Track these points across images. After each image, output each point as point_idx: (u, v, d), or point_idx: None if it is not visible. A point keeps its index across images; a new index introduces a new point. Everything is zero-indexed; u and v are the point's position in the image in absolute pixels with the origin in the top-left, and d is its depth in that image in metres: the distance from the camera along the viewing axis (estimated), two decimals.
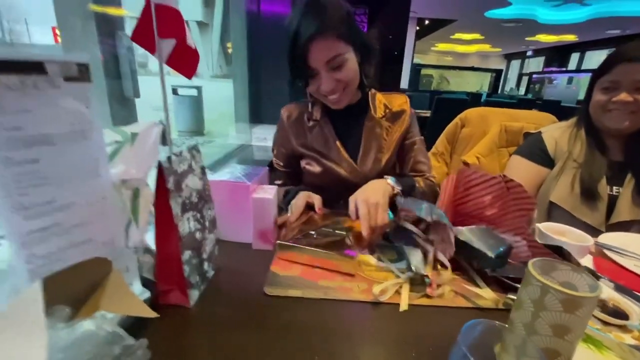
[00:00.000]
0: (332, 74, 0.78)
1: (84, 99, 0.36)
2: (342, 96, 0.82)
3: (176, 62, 0.57)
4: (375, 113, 0.91)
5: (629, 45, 0.85)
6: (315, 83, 0.80)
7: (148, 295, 0.45)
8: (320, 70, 0.77)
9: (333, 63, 0.76)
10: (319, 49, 0.74)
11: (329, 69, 0.77)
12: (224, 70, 16.27)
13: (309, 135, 0.91)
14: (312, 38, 0.73)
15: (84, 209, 0.39)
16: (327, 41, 0.74)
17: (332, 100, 0.83)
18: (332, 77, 0.78)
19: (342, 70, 0.78)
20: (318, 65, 0.76)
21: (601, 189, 0.89)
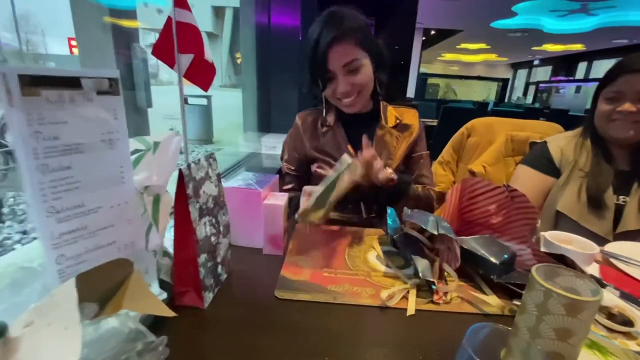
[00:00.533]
0: (348, 77, 0.83)
1: (113, 110, 0.39)
2: (356, 100, 0.87)
3: (194, 75, 0.61)
4: (387, 123, 0.95)
5: (633, 57, 0.87)
6: (331, 86, 0.85)
7: (165, 297, 0.47)
8: (338, 74, 0.83)
9: (350, 67, 0.82)
10: (337, 53, 0.81)
11: (346, 72, 0.83)
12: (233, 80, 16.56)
13: (322, 140, 0.95)
14: (331, 43, 0.79)
15: (109, 213, 0.42)
16: (344, 46, 0.81)
17: (346, 104, 0.88)
18: (347, 81, 0.83)
19: (358, 75, 0.84)
20: (336, 69, 0.82)
21: (608, 198, 0.89)
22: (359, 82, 0.84)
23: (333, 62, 0.82)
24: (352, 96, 0.86)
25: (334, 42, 0.80)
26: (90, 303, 0.36)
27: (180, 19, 0.54)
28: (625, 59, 0.88)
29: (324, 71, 0.83)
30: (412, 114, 0.99)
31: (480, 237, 0.64)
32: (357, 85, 0.85)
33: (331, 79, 0.85)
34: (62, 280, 0.38)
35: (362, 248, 0.72)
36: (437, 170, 1.28)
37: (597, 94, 0.95)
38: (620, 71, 0.88)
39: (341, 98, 0.86)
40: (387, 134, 0.94)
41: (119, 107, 0.40)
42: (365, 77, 0.85)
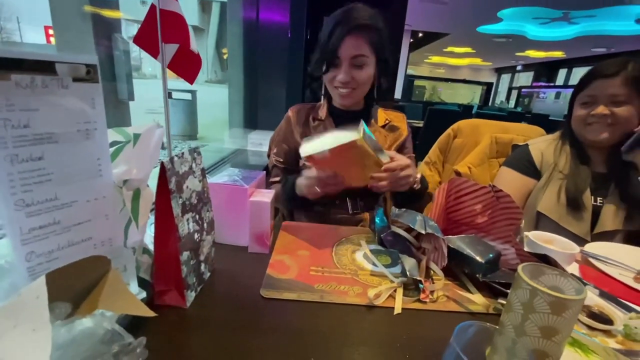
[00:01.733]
0: (351, 69, 0.86)
1: (91, 99, 0.37)
2: (351, 93, 0.89)
3: (179, 66, 0.58)
4: (377, 122, 0.98)
5: (604, 63, 0.90)
6: (334, 72, 0.88)
7: (144, 296, 0.45)
8: (343, 62, 0.86)
9: (356, 60, 0.85)
10: (350, 43, 0.84)
11: (351, 64, 0.86)
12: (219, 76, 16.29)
13: (313, 133, 0.97)
14: (349, 32, 0.83)
15: (84, 208, 0.39)
16: (359, 40, 0.84)
17: (342, 93, 0.89)
18: (350, 72, 0.86)
19: (361, 71, 0.86)
20: (343, 57, 0.85)
21: (586, 200, 0.92)
22: (359, 77, 0.86)
23: (344, 50, 0.84)
24: (349, 88, 0.88)
25: (352, 31, 0.83)
26: (63, 302, 0.34)
27: (164, 7, 0.52)
28: (598, 65, 0.92)
29: (332, 55, 0.85)
30: (400, 117, 1.03)
31: (466, 237, 0.64)
32: (356, 80, 0.87)
33: (336, 65, 0.87)
34: (32, 279, 0.36)
35: (349, 246, 0.72)
36: (423, 171, 1.29)
37: (572, 99, 0.98)
38: (593, 77, 0.91)
39: (339, 86, 0.89)
40: (377, 133, 0.96)
41: (97, 95, 0.38)
42: (365, 75, 0.87)
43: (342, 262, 0.65)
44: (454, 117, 3.50)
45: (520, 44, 9.19)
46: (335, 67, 0.87)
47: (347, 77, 0.86)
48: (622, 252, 0.76)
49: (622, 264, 0.71)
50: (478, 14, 6.51)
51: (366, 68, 0.87)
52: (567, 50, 9.58)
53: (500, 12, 6.28)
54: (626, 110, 0.87)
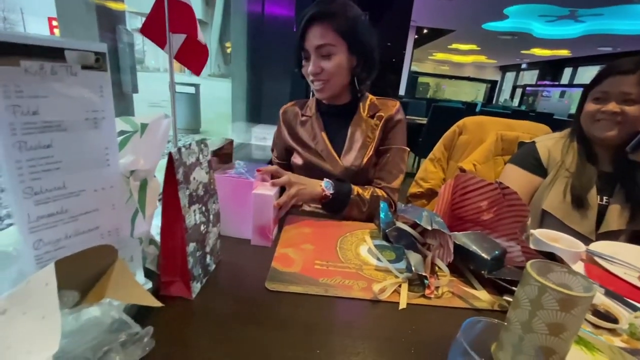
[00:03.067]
0: (319, 60, 0.85)
1: (99, 87, 0.37)
2: (324, 86, 0.89)
3: (185, 57, 0.58)
4: (364, 112, 0.96)
5: (620, 60, 0.89)
6: (307, 65, 0.88)
7: (150, 286, 0.45)
8: (311, 54, 0.85)
9: (322, 50, 0.84)
10: (313, 33, 0.83)
11: (318, 55, 0.85)
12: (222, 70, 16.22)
13: (300, 129, 0.98)
14: (310, 22, 0.82)
15: (92, 197, 0.39)
16: (321, 29, 0.82)
17: (316, 87, 0.90)
18: (317, 63, 0.85)
19: (328, 61, 0.85)
20: (309, 47, 0.85)
21: (591, 199, 0.91)
22: (327, 67, 0.85)
23: (308, 41, 0.84)
24: (320, 80, 0.87)
25: (313, 21, 0.82)
26: (71, 291, 0.34)
27: None
28: (615, 61, 0.91)
29: (300, 48, 0.86)
30: (392, 104, 0.98)
31: (471, 233, 0.64)
32: (326, 70, 0.86)
33: (306, 58, 0.87)
34: (40, 267, 0.35)
35: (353, 241, 0.71)
36: (427, 167, 1.29)
37: (585, 95, 0.97)
38: (609, 73, 0.90)
39: (312, 79, 0.89)
40: (363, 124, 0.94)
41: (106, 84, 0.37)
42: (334, 66, 0.85)
43: (347, 257, 0.65)
44: (458, 115, 3.48)
45: (525, 42, 9.10)
46: (307, 60, 0.87)
47: (315, 68, 0.85)
48: (627, 252, 0.76)
49: (627, 263, 0.70)
50: (484, 11, 6.45)
51: (334, 57, 0.85)
52: (573, 48, 9.49)
53: (506, 9, 6.21)
54: (637, 109, 0.86)
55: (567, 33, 7.40)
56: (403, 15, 2.92)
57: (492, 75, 16.34)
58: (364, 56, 0.89)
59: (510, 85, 15.38)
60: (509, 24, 7.24)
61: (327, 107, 0.97)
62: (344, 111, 0.97)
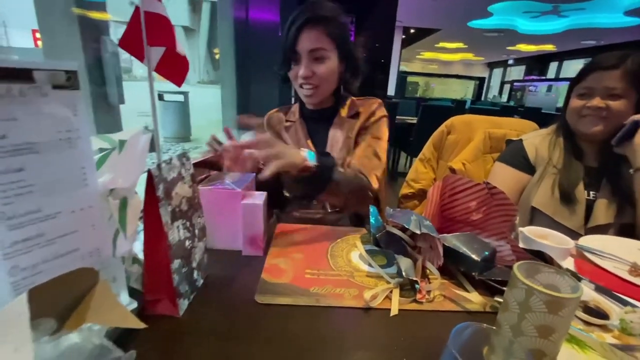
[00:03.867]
0: (312, 64, 0.85)
1: (72, 106, 0.36)
2: (314, 91, 0.88)
3: (165, 69, 0.57)
4: (344, 113, 0.96)
5: (603, 55, 0.90)
6: (296, 69, 0.87)
7: (135, 306, 0.44)
8: (303, 57, 0.84)
9: (315, 53, 0.84)
10: (307, 36, 0.83)
11: (311, 58, 0.84)
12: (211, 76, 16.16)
13: (285, 134, 0.98)
14: (304, 25, 0.82)
15: (70, 219, 0.38)
16: (315, 32, 0.83)
17: (306, 92, 0.88)
18: (310, 67, 0.85)
19: (321, 65, 0.85)
20: (302, 51, 0.84)
21: (579, 194, 0.92)
22: (320, 72, 0.85)
23: (301, 44, 0.83)
24: (311, 84, 0.86)
25: (307, 24, 0.82)
26: (48, 318, 0.33)
27: (148, 9, 0.50)
28: (596, 57, 0.92)
29: (291, 51, 0.84)
30: (371, 102, 0.98)
31: (461, 235, 0.64)
32: (317, 75, 0.85)
33: (297, 61, 0.86)
34: (17, 294, 0.34)
35: (344, 247, 0.71)
36: (418, 168, 1.29)
37: (570, 91, 0.98)
38: (592, 68, 0.91)
39: (302, 83, 0.87)
40: (344, 125, 0.94)
41: (79, 102, 0.36)
42: (327, 70, 0.86)
43: (338, 264, 0.64)
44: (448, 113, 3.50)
45: (511, 38, 9.24)
46: (296, 64, 0.86)
47: (307, 71, 0.84)
48: (616, 245, 0.77)
49: (616, 256, 0.71)
50: (469, 9, 6.53)
51: (327, 62, 0.85)
52: (558, 43, 9.66)
53: (490, 7, 6.30)
54: (621, 104, 0.88)
55: (551, 28, 7.53)
56: (388, 16, 2.95)
57: (480, 72, 16.53)
58: (352, 62, 0.90)
59: (498, 81, 15.58)
60: (494, 21, 7.35)
61: (310, 112, 0.97)
62: (326, 115, 0.97)
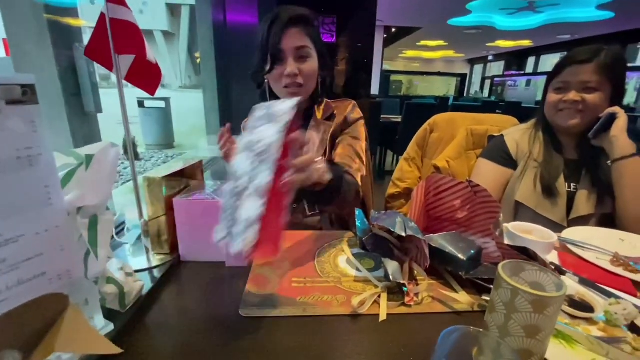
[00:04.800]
0: (298, 62, 0.85)
1: (30, 122, 0.34)
2: (299, 89, 0.88)
3: (137, 78, 0.55)
4: (319, 115, 0.96)
5: (577, 50, 0.92)
6: (280, 68, 0.85)
7: (111, 328, 0.42)
8: (288, 56, 0.84)
9: (301, 52, 0.85)
10: (292, 35, 0.83)
11: (296, 57, 0.85)
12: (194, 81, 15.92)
13: None
14: (288, 24, 0.83)
15: (34, 241, 0.36)
16: (299, 32, 0.84)
17: (292, 91, 0.87)
18: (296, 65, 0.85)
19: (306, 63, 0.86)
20: (288, 49, 0.84)
21: (560, 186, 0.94)
22: (306, 70, 0.86)
23: (287, 42, 0.83)
24: (296, 83, 0.86)
25: (291, 23, 0.83)
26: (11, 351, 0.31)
27: (115, 16, 0.48)
28: (571, 52, 0.94)
29: (276, 50, 0.83)
30: (345, 104, 0.99)
31: (447, 234, 0.63)
32: (303, 72, 0.86)
33: (281, 60, 0.85)
34: None
35: (332, 252, 0.70)
36: (403, 167, 1.29)
37: (547, 85, 1.00)
38: (567, 63, 0.93)
39: (287, 83, 0.86)
40: (320, 127, 0.94)
41: (38, 117, 0.34)
42: (311, 68, 0.87)
43: (325, 270, 0.63)
44: (431, 111, 3.53)
45: (490, 35, 9.42)
46: (280, 63, 0.85)
47: (294, 68, 0.84)
48: (598, 236, 0.78)
49: (598, 247, 0.72)
50: (447, 7, 6.63)
51: (310, 60, 0.86)
52: (534, 38, 9.90)
53: (469, 5, 6.41)
54: (597, 97, 0.90)
55: (527, 24, 7.72)
56: (369, 15, 2.96)
57: (461, 69, 16.82)
58: (324, 58, 0.91)
59: (479, 77, 15.88)
60: (473, 18, 7.48)
61: None
62: (304, 117, 0.96)
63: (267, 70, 0.86)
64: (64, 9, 1.60)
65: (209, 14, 1.99)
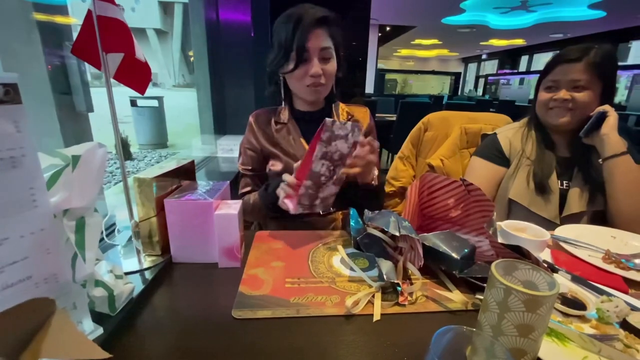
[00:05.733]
0: (321, 63, 0.86)
1: (14, 122, 0.33)
2: (322, 88, 0.89)
3: (126, 77, 0.54)
4: (339, 119, 0.97)
5: (567, 49, 0.93)
6: (304, 67, 0.86)
7: (100, 333, 0.41)
8: (313, 56, 0.85)
9: (325, 53, 0.86)
10: (318, 36, 0.84)
11: (320, 57, 0.86)
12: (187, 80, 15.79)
13: (276, 135, 0.95)
14: (316, 25, 0.83)
15: (19, 245, 0.35)
16: (324, 32, 0.85)
17: (314, 90, 0.88)
18: (319, 65, 0.86)
19: (328, 64, 0.87)
20: (313, 50, 0.84)
21: (552, 184, 0.95)
22: (328, 70, 0.87)
23: (313, 43, 0.83)
24: (320, 83, 0.87)
25: (318, 23, 0.83)
26: None
27: (102, 13, 0.47)
28: (562, 50, 0.94)
29: (302, 50, 0.83)
30: (363, 111, 1.03)
31: (441, 233, 0.63)
32: (326, 72, 0.87)
33: (306, 60, 0.85)
34: None
35: (325, 252, 0.70)
36: (397, 166, 1.29)
37: (538, 84, 1.00)
38: (557, 62, 0.94)
39: (311, 83, 0.86)
40: None
41: (22, 117, 0.33)
42: (333, 68, 0.89)
43: (319, 270, 0.63)
44: (426, 109, 3.55)
45: (483, 34, 9.48)
46: (304, 63, 0.85)
47: (319, 69, 0.85)
48: (590, 233, 0.79)
49: (590, 245, 0.73)
50: (442, 6, 6.65)
51: (332, 61, 0.88)
52: (527, 37, 9.98)
53: (462, 4, 6.44)
54: (586, 95, 0.90)
55: (520, 23, 7.78)
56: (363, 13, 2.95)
57: (455, 68, 16.90)
58: (340, 62, 0.92)
59: (473, 76, 15.97)
60: (467, 17, 7.52)
61: (302, 114, 0.96)
62: (319, 117, 0.95)
63: (291, 69, 0.85)
64: (53, 7, 1.58)
65: (201, 12, 1.97)
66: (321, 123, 0.65)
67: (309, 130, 0.95)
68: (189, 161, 0.71)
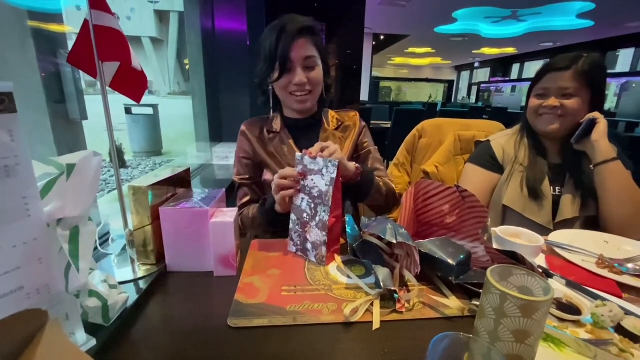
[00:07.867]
0: (306, 71, 0.88)
1: (8, 131, 0.33)
2: (308, 97, 0.90)
3: (122, 85, 0.54)
4: (329, 126, 0.99)
5: (557, 58, 0.95)
6: (288, 77, 0.87)
7: (93, 344, 0.40)
8: (297, 66, 0.86)
9: (309, 62, 0.87)
10: (301, 45, 0.85)
11: (304, 66, 0.87)
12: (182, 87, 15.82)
13: (270, 144, 0.96)
14: (298, 34, 0.84)
15: (11, 254, 0.34)
16: (307, 42, 0.86)
17: (299, 99, 0.90)
18: (304, 74, 0.87)
19: (313, 72, 0.88)
20: (296, 59, 0.86)
21: (545, 190, 0.96)
22: (314, 78, 0.88)
23: (295, 52, 0.85)
24: (305, 91, 0.89)
25: (300, 33, 0.84)
26: None
27: (98, 23, 0.47)
28: (552, 59, 0.97)
29: (285, 60, 0.84)
30: (352, 115, 1.05)
31: (437, 240, 0.64)
32: (311, 81, 0.88)
33: (289, 70, 0.86)
34: None
35: None
36: (392, 172, 1.30)
37: (529, 92, 1.02)
38: (547, 70, 0.96)
39: (295, 91, 0.88)
40: (331, 136, 0.97)
41: (16, 126, 0.33)
42: (318, 76, 0.90)
43: (316, 278, 0.62)
44: (420, 116, 3.58)
45: (475, 42, 9.64)
46: (288, 72, 0.87)
47: (303, 78, 0.86)
48: (583, 238, 0.80)
49: (584, 250, 0.73)
50: (435, 15, 6.77)
51: (317, 69, 0.89)
52: (518, 46, 10.18)
53: (455, 13, 6.57)
54: (575, 102, 0.92)
55: (511, 32, 7.93)
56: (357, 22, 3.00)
57: (448, 76, 17.14)
58: (327, 65, 0.94)
59: (466, 83, 16.18)
60: (459, 26, 7.66)
61: (294, 122, 0.97)
62: (310, 124, 0.98)
63: (275, 78, 0.87)
64: (48, 15, 1.58)
65: (197, 21, 1.99)
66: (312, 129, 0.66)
67: (301, 137, 0.97)
68: (184, 169, 0.71)
